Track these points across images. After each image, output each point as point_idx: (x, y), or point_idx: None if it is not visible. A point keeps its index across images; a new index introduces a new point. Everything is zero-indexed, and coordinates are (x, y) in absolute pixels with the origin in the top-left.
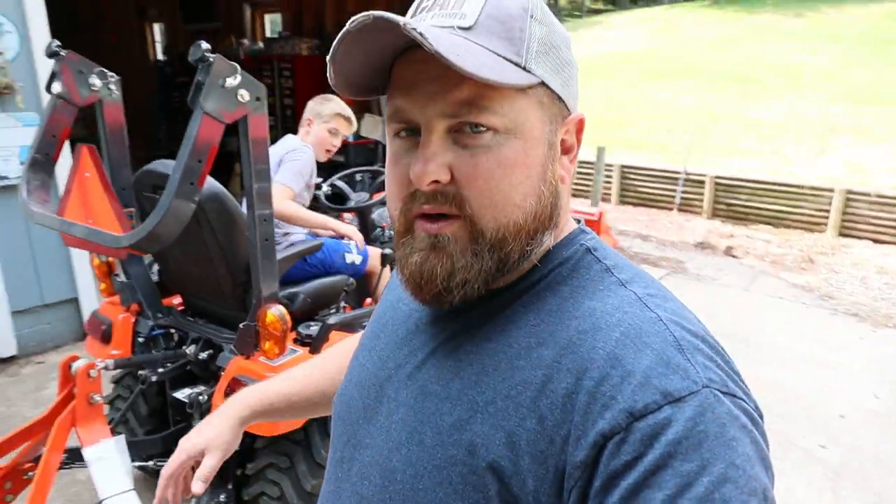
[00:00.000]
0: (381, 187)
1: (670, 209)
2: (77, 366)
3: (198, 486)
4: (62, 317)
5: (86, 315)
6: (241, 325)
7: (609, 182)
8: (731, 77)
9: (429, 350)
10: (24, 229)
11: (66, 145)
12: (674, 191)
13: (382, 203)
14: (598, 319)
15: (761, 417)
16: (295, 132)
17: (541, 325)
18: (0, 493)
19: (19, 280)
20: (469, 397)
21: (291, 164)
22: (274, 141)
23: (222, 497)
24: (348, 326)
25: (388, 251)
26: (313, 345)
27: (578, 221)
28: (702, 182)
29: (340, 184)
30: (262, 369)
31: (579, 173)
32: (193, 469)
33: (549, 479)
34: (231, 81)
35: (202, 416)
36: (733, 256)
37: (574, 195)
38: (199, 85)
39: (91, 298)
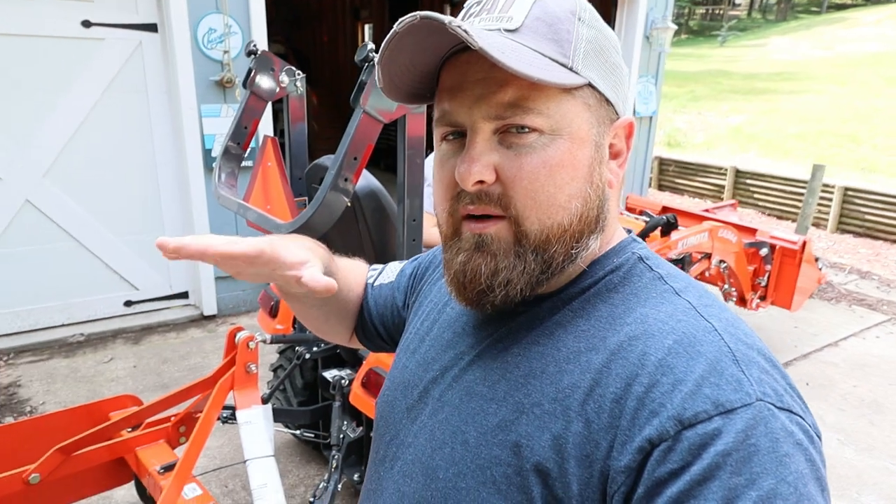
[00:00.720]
0: None
1: None
2: (240, 336)
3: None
4: (254, 286)
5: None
6: None
7: (826, 206)
8: None
9: (475, 353)
10: None
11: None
12: None
13: None
14: (651, 326)
15: (819, 436)
16: None
17: (591, 330)
18: (176, 434)
19: None
20: (515, 399)
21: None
22: None
23: (356, 476)
24: None
25: None
26: None
27: (629, 231)
28: None
29: None
30: None
31: (789, 193)
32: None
33: (594, 483)
34: None
35: (343, 399)
36: None
37: (778, 217)
38: (362, 85)
39: None
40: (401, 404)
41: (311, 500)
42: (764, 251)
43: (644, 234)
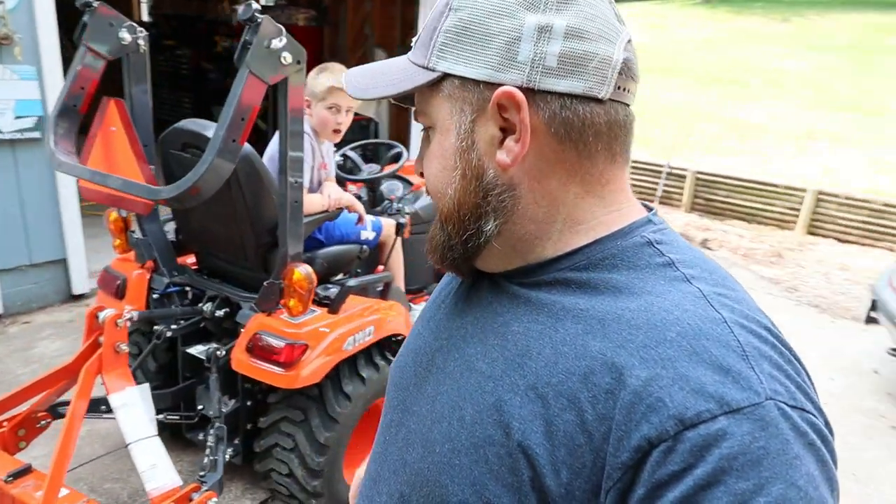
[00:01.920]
0: (395, 160)
1: (651, 201)
2: (104, 315)
3: None
4: (49, 277)
5: (74, 276)
6: (265, 283)
7: None
8: (717, 78)
9: (479, 325)
10: (16, 187)
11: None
12: (656, 184)
13: (394, 176)
14: (654, 315)
15: (832, 434)
16: None
17: (591, 311)
18: (14, 439)
19: (7, 239)
20: (511, 379)
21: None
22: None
23: (230, 451)
24: (364, 290)
25: (402, 221)
26: (332, 306)
27: (650, 209)
28: (683, 177)
29: (353, 154)
30: (284, 326)
31: None
32: None
33: (585, 473)
34: (276, 43)
35: (219, 371)
36: (708, 248)
37: None
38: (246, 45)
39: (80, 259)
40: (410, 371)
41: (201, 473)
42: None
43: None
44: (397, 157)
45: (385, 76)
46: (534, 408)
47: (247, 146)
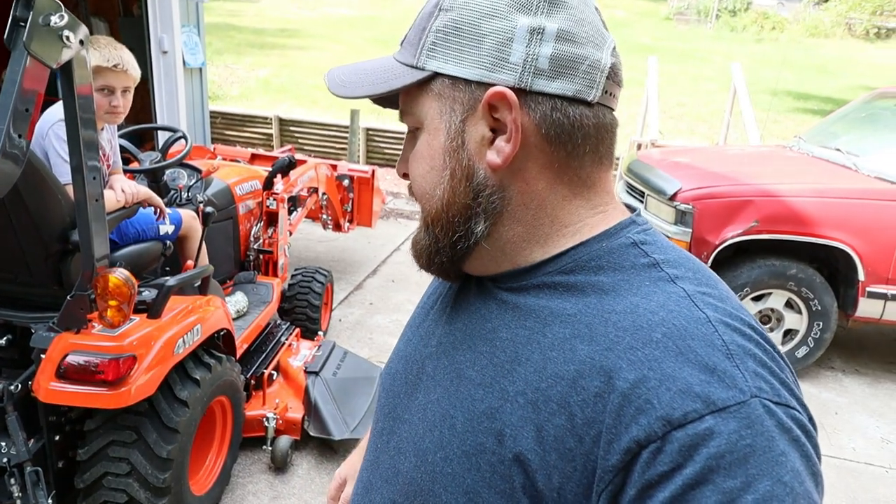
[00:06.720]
0: (165, 145)
1: None
2: None
3: None
4: None
5: None
6: (69, 298)
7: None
8: None
9: (467, 332)
10: None
11: None
12: None
13: (180, 164)
14: (640, 317)
15: (815, 428)
16: None
17: (578, 315)
18: None
19: None
20: (501, 386)
21: (55, 158)
22: None
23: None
24: (181, 288)
25: (208, 210)
26: (152, 310)
27: (633, 210)
28: None
29: (124, 142)
30: (100, 340)
31: (327, 136)
32: None
33: (576, 477)
34: (56, 21)
35: (16, 407)
36: None
37: (322, 157)
38: (19, 22)
39: None
40: (401, 378)
41: None
42: (346, 182)
43: (273, 175)
44: (170, 143)
45: (370, 75)
46: (524, 414)
47: None
